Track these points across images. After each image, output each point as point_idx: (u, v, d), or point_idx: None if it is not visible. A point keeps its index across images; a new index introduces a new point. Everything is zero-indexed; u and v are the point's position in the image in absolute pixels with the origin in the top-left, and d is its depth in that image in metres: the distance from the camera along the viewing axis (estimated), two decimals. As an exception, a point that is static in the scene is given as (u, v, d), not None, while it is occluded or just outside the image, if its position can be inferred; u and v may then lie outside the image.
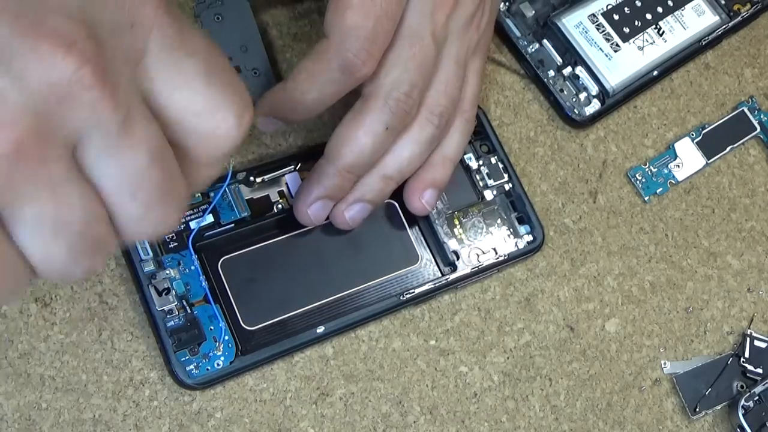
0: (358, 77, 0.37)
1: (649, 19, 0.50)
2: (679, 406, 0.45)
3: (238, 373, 0.40)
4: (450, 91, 0.41)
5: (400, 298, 0.42)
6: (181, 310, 0.40)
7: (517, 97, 0.49)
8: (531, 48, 0.49)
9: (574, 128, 0.49)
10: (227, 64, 0.28)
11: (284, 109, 0.39)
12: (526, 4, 0.50)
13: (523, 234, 0.45)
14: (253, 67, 0.41)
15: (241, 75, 0.40)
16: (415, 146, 0.41)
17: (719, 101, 0.52)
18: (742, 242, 0.49)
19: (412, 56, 0.38)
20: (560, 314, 0.45)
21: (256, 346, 0.40)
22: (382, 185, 0.41)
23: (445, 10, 0.39)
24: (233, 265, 0.41)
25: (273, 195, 0.43)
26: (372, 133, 0.39)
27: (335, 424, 0.41)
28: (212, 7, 0.40)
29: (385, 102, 0.38)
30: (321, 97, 0.38)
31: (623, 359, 0.45)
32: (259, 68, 0.41)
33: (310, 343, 0.41)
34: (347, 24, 0.36)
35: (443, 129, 0.41)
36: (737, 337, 0.47)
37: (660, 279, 0.47)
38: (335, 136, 0.39)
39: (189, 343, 0.39)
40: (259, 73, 0.41)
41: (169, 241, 0.41)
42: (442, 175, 0.43)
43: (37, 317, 0.39)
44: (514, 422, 0.43)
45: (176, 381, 0.39)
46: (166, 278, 0.40)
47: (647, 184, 0.49)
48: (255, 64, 0.41)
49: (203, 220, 0.41)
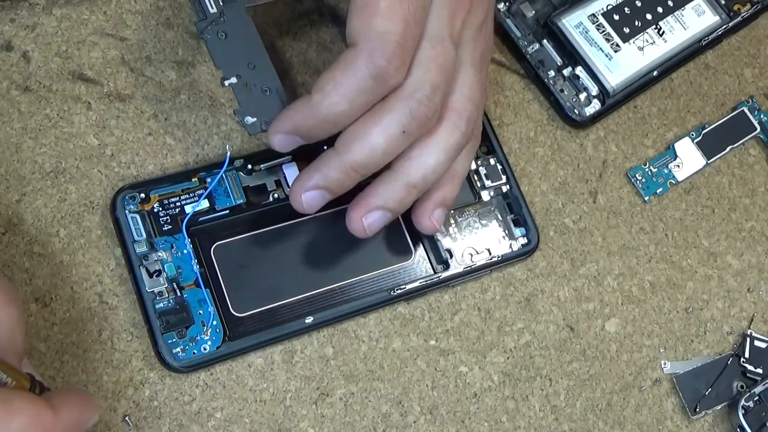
0: (391, 84, 0.36)
1: (649, 19, 0.50)
2: (679, 406, 0.45)
3: (224, 359, 0.40)
4: (474, 96, 0.40)
5: (391, 294, 0.42)
6: (171, 293, 0.40)
7: (517, 97, 0.49)
8: (531, 48, 0.49)
9: (574, 128, 0.49)
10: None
11: (309, 125, 0.37)
12: (526, 4, 0.50)
13: (518, 236, 0.45)
14: (263, 85, 0.39)
15: (251, 93, 0.39)
16: (441, 153, 0.39)
17: (719, 101, 0.52)
18: (742, 242, 0.49)
19: (434, 57, 0.37)
20: (560, 314, 0.45)
21: (244, 332, 0.40)
22: (405, 194, 0.39)
23: (462, 15, 0.39)
24: (226, 252, 0.41)
25: (270, 184, 0.43)
26: (387, 135, 0.37)
27: (335, 424, 0.41)
28: (215, 24, 0.39)
29: (405, 103, 0.37)
30: (351, 109, 0.36)
31: (623, 359, 0.45)
32: (269, 86, 0.39)
33: (299, 332, 0.41)
34: (377, 29, 0.35)
35: (469, 137, 0.40)
36: (737, 337, 0.47)
37: (660, 279, 0.47)
38: (349, 129, 0.37)
39: (177, 325, 0.39)
40: (270, 91, 0.39)
41: (163, 224, 0.41)
42: (451, 192, 0.41)
43: (37, 317, 0.39)
44: (514, 422, 0.43)
45: (162, 363, 0.39)
46: (158, 260, 0.40)
47: (647, 184, 0.49)
48: (264, 81, 0.39)
49: (198, 205, 0.41)
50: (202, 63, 0.45)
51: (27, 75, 0.43)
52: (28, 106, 0.42)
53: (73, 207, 0.41)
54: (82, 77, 0.43)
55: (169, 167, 0.43)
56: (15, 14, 0.44)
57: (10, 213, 0.41)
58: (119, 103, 0.43)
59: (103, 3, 0.45)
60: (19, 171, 0.41)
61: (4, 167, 0.41)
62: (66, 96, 0.43)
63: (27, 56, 0.43)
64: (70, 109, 0.43)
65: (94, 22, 0.44)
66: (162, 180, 0.41)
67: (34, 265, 0.40)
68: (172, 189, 0.41)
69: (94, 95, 0.43)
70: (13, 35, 0.43)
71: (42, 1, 0.44)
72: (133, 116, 0.43)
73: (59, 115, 0.43)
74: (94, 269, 0.41)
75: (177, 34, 0.45)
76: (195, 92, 0.45)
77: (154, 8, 0.46)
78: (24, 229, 0.41)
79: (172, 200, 0.41)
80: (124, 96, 0.44)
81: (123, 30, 0.45)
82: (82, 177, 0.42)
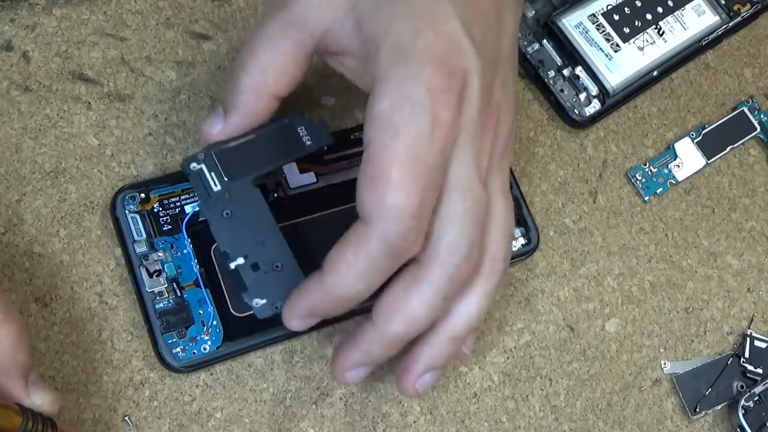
0: (408, 257, 0.34)
1: (649, 19, 0.50)
2: (679, 406, 0.45)
3: (224, 359, 0.40)
4: (507, 229, 0.37)
5: None
6: (171, 293, 0.40)
7: (517, 97, 0.49)
8: (531, 48, 0.49)
9: (574, 128, 0.49)
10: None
11: (326, 306, 0.35)
12: (527, 4, 0.50)
13: (518, 236, 0.45)
14: (274, 262, 0.37)
15: (260, 273, 0.36)
16: (483, 299, 0.37)
17: (719, 101, 0.52)
18: (742, 242, 0.49)
19: (465, 212, 0.34)
20: (560, 314, 0.45)
21: (244, 332, 0.40)
22: (453, 348, 0.37)
23: (487, 150, 0.36)
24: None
25: (269, 184, 0.43)
26: (428, 305, 0.34)
27: (335, 424, 0.41)
28: (219, 202, 0.37)
29: (443, 270, 0.34)
30: (368, 287, 0.34)
31: (623, 359, 0.45)
32: (280, 261, 0.37)
33: (298, 333, 0.41)
34: (389, 205, 0.32)
35: (507, 264, 0.38)
36: (737, 337, 0.47)
37: (660, 279, 0.47)
38: (385, 301, 0.35)
39: (177, 325, 0.39)
40: (281, 267, 0.37)
41: (163, 224, 0.41)
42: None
43: (37, 317, 0.39)
44: (514, 422, 0.43)
45: (162, 363, 0.39)
46: (158, 260, 0.40)
47: (647, 184, 0.49)
48: (275, 257, 0.37)
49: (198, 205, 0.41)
50: (202, 63, 0.45)
51: (27, 75, 0.43)
52: (28, 106, 0.42)
53: (73, 207, 0.41)
54: (82, 77, 0.43)
55: (169, 167, 0.43)
56: (15, 14, 0.44)
57: (10, 213, 0.41)
58: (119, 103, 0.43)
59: (103, 3, 0.45)
60: (19, 171, 0.41)
61: (4, 167, 0.41)
62: (66, 96, 0.43)
63: (27, 56, 0.43)
64: (70, 109, 0.43)
65: (94, 22, 0.44)
66: (162, 180, 0.41)
67: (34, 265, 0.40)
68: (172, 189, 0.41)
69: (94, 95, 0.43)
70: (13, 35, 0.43)
71: (42, 1, 0.44)
72: (133, 116, 0.43)
73: (59, 115, 0.43)
74: (94, 269, 0.41)
75: (177, 34, 0.45)
76: (195, 92, 0.45)
77: (154, 8, 0.46)
78: (24, 229, 0.41)
79: (172, 200, 0.41)
80: (124, 96, 0.44)
81: (123, 30, 0.45)
82: (82, 177, 0.42)
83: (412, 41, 0.33)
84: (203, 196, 0.37)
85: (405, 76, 0.33)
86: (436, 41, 0.34)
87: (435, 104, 0.33)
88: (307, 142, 0.39)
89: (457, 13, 0.35)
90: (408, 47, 0.33)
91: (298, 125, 0.40)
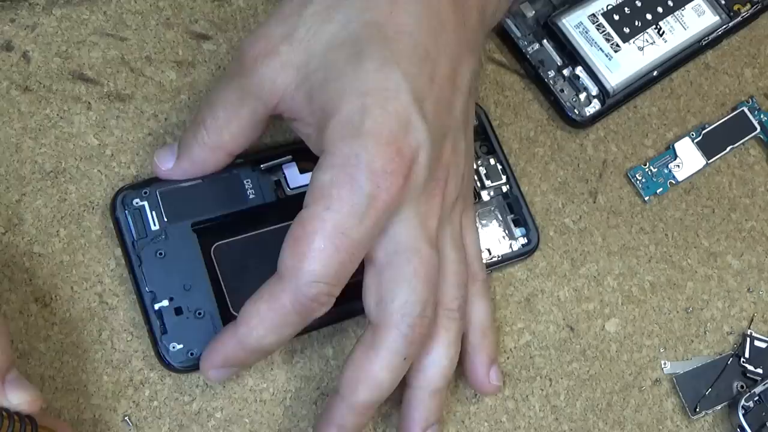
0: (318, 316, 0.35)
1: (649, 19, 0.50)
2: (679, 406, 0.45)
3: None
4: (460, 280, 0.38)
5: None
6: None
7: (517, 97, 0.49)
8: (531, 48, 0.49)
9: (574, 128, 0.49)
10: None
11: (240, 357, 0.36)
12: (526, 4, 0.50)
13: (519, 236, 0.45)
14: (197, 308, 0.39)
15: (182, 317, 0.38)
16: (449, 349, 0.38)
17: (719, 101, 0.52)
18: (742, 242, 0.49)
19: (413, 272, 0.35)
20: (560, 314, 0.45)
21: None
22: (439, 400, 0.39)
23: (435, 212, 0.36)
24: (225, 252, 0.41)
25: (269, 185, 0.43)
26: (389, 368, 0.35)
27: (335, 424, 0.41)
28: (155, 242, 0.39)
29: (398, 331, 0.35)
30: (280, 340, 0.35)
31: (623, 359, 0.45)
32: (203, 308, 0.39)
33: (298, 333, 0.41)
34: (304, 269, 0.33)
35: (464, 313, 0.39)
36: (737, 337, 0.47)
37: (660, 279, 0.47)
38: (348, 371, 0.36)
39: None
40: (203, 314, 0.39)
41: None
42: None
43: (37, 317, 0.39)
44: (514, 422, 0.43)
45: (162, 363, 0.39)
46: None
47: (647, 184, 0.49)
48: (199, 304, 0.39)
49: None
50: (202, 63, 0.45)
51: (27, 75, 0.43)
52: (28, 106, 0.42)
53: (73, 207, 0.41)
54: (82, 77, 0.43)
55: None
56: (15, 14, 0.44)
57: (10, 213, 0.41)
58: (119, 103, 0.43)
59: (103, 3, 0.45)
60: (19, 171, 0.41)
61: (4, 167, 0.41)
62: (66, 96, 0.43)
63: (27, 56, 0.43)
64: (70, 109, 0.43)
65: (94, 22, 0.44)
66: (162, 180, 0.41)
67: (34, 265, 0.40)
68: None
69: (94, 95, 0.43)
70: (13, 35, 0.43)
71: (42, 1, 0.44)
72: (133, 116, 0.43)
73: (59, 115, 0.43)
74: (94, 269, 0.41)
75: (177, 34, 0.45)
76: (195, 92, 0.45)
77: (154, 8, 0.46)
78: (24, 229, 0.41)
79: (172, 200, 0.41)
80: (124, 96, 0.44)
81: (123, 30, 0.45)
82: (82, 177, 0.42)
83: (360, 120, 0.34)
84: (140, 233, 0.39)
85: (349, 155, 0.33)
86: (384, 120, 0.34)
87: (375, 186, 0.33)
88: (251, 196, 0.41)
89: (408, 87, 0.34)
90: (356, 126, 0.34)
91: (245, 178, 0.41)
